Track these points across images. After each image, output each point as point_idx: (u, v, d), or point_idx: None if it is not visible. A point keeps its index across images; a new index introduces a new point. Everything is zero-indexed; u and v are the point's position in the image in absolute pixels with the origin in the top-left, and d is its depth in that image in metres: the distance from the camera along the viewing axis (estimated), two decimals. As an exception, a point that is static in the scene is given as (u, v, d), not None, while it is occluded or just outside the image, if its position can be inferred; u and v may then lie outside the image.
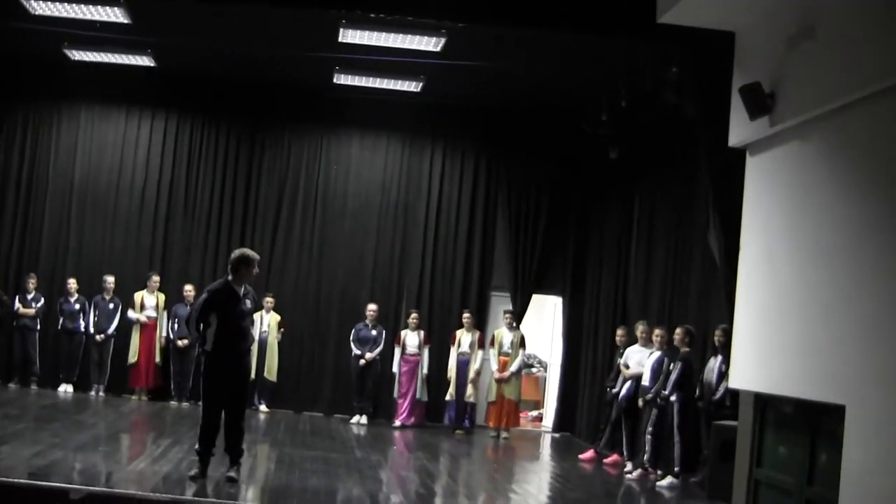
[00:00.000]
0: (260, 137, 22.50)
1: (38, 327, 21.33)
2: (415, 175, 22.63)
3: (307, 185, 22.50)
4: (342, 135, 22.63)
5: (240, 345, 12.45)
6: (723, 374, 14.57)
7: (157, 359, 21.14)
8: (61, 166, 22.22)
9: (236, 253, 12.72)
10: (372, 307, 21.15)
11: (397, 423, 20.55)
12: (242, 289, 12.42)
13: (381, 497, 13.05)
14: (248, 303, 12.47)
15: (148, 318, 21.07)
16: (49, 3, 16.74)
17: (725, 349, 14.47)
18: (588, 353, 21.45)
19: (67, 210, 22.11)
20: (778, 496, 11.62)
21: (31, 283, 21.30)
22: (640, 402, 16.29)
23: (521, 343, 20.67)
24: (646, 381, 16.19)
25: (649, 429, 15.88)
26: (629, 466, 16.64)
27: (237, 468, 12.34)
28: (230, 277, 12.42)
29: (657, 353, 16.18)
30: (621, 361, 17.54)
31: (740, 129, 12.53)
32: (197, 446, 12.40)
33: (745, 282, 12.68)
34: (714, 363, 14.93)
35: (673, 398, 15.25)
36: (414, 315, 21.05)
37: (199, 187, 22.35)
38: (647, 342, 16.99)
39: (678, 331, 15.76)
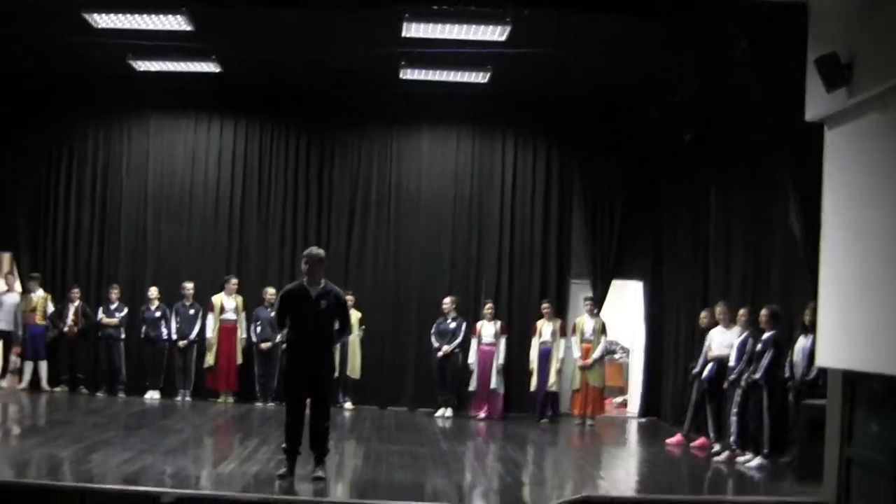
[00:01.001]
0: (329, 137, 22.54)
1: (123, 336, 21.57)
2: (487, 166, 22.56)
3: (379, 181, 22.52)
4: (412, 130, 22.64)
5: (315, 344, 12.41)
6: (814, 354, 14.40)
7: (239, 360, 21.25)
8: (134, 177, 22.42)
9: (303, 253, 12.81)
10: (447, 299, 21.14)
11: (481, 415, 20.53)
12: (319, 288, 12.41)
13: (469, 488, 13.07)
14: (323, 303, 12.38)
15: (227, 320, 21.21)
16: (112, 15, 16.77)
17: (815, 328, 14.31)
18: (671, 336, 21.29)
19: (143, 219, 22.30)
20: (870, 475, 11.49)
21: (114, 293, 21.54)
22: (726, 384, 16.11)
23: (603, 329, 20.60)
24: (732, 362, 16.01)
25: (734, 410, 15.74)
26: (717, 448, 16.48)
27: (322, 467, 12.39)
28: (304, 278, 12.49)
29: (743, 334, 16.00)
30: (706, 344, 17.40)
31: (817, 102, 12.38)
32: (284, 445, 12.49)
33: (828, 258, 12.53)
34: (804, 342, 14.68)
35: (762, 381, 15.10)
36: (489, 305, 21.05)
37: (271, 190, 22.45)
38: (728, 323, 16.85)
39: (763, 312, 15.55)
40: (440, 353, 20.77)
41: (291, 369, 12.61)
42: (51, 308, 21.46)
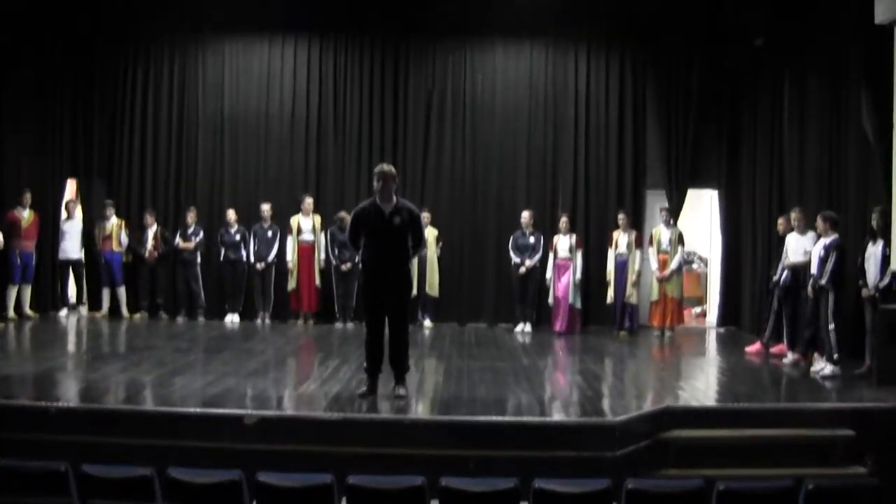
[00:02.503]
0: (404, 51, 22.50)
1: (199, 260, 21.80)
2: (560, 76, 22.42)
3: (454, 94, 22.45)
4: (486, 41, 22.52)
5: (390, 262, 12.41)
6: (887, 259, 14.29)
7: (317, 281, 21.34)
8: (210, 99, 22.56)
9: (374, 171, 12.74)
10: (525, 214, 21.06)
11: (560, 328, 20.47)
12: (391, 205, 12.36)
13: (550, 401, 13.11)
14: (397, 219, 12.30)
15: (304, 241, 21.31)
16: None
17: (885, 232, 14.22)
18: (748, 244, 21.16)
19: (220, 141, 22.46)
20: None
21: (191, 216, 21.70)
22: (810, 291, 15.89)
23: (680, 240, 20.45)
24: (814, 270, 15.79)
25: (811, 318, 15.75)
26: (790, 356, 16.47)
27: (403, 385, 12.52)
28: (377, 196, 12.46)
29: (823, 240, 15.81)
30: (783, 250, 17.31)
31: (886, 5, 12.22)
32: (364, 365, 12.62)
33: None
34: (873, 249, 14.58)
35: (828, 286, 15.01)
36: (564, 219, 20.90)
37: (347, 106, 22.45)
38: (804, 229, 16.71)
39: (818, 219, 15.47)
40: (522, 269, 20.77)
41: (368, 288, 12.65)
42: (124, 234, 21.69)
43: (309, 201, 21.41)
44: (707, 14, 20.38)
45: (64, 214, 22.08)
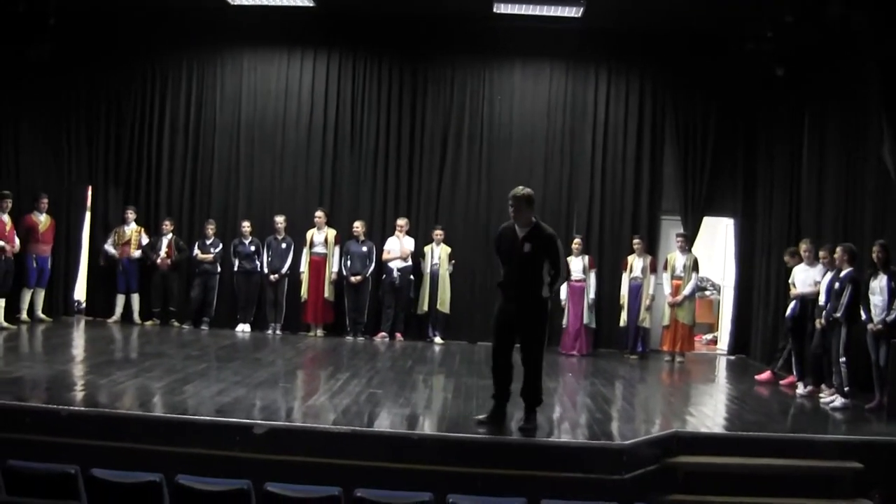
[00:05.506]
0: (422, 71, 22.54)
1: (219, 271, 21.92)
2: (579, 102, 22.43)
3: (472, 116, 22.49)
4: (505, 64, 22.56)
5: (518, 287, 12.08)
6: (894, 293, 14.24)
7: (326, 294, 21.36)
8: (227, 111, 22.64)
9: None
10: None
11: (572, 351, 20.48)
12: (526, 230, 12.06)
13: (558, 422, 13.07)
14: (528, 246, 11.95)
15: (316, 254, 21.38)
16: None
17: (885, 266, 14.22)
18: (762, 274, 21.15)
19: (236, 154, 22.54)
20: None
21: (210, 229, 21.85)
22: (818, 323, 15.93)
23: (695, 266, 20.47)
24: (822, 301, 15.86)
25: (818, 349, 15.76)
26: (801, 388, 16.52)
27: (531, 416, 12.20)
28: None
29: (828, 273, 15.88)
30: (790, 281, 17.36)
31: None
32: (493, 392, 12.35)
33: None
34: (877, 282, 14.57)
35: (842, 319, 15.05)
36: (577, 240, 20.95)
37: (364, 124, 22.50)
38: (812, 261, 16.75)
39: (837, 250, 15.50)
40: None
41: (496, 311, 12.31)
42: (145, 240, 21.75)
43: (320, 214, 21.48)
44: (728, 43, 20.33)
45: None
